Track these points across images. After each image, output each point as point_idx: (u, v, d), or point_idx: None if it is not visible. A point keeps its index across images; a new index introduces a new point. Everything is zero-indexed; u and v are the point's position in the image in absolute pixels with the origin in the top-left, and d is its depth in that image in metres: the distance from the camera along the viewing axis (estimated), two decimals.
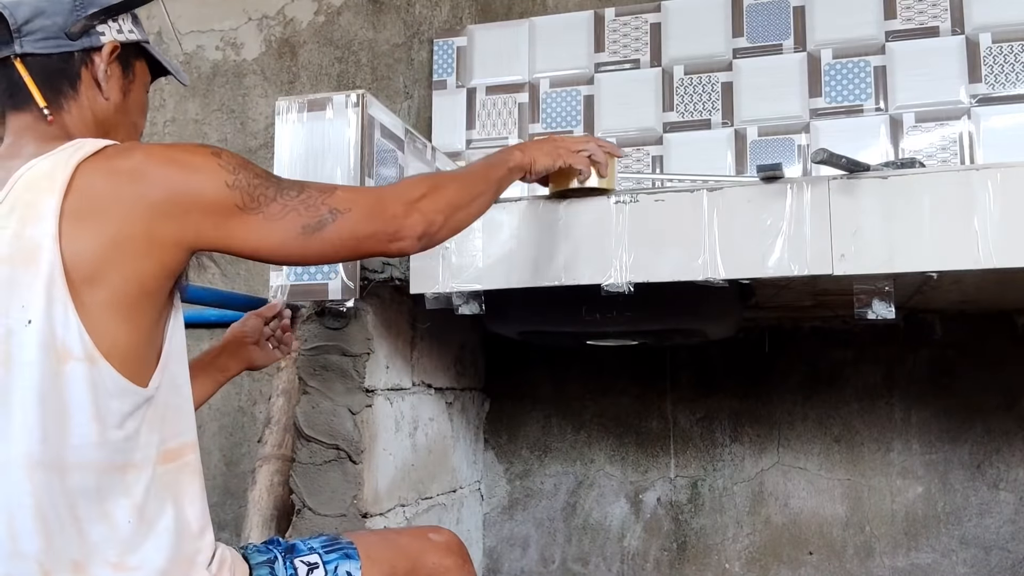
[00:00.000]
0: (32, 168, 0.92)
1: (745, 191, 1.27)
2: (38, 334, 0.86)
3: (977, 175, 1.18)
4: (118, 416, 0.89)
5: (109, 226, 0.89)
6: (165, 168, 0.93)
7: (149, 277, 0.91)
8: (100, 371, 0.87)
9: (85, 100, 1.03)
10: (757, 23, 2.07)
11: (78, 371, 0.87)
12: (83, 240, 0.88)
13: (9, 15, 0.98)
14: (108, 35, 1.04)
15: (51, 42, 1.01)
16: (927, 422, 1.89)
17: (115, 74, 1.06)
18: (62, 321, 0.86)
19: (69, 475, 0.87)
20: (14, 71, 1.00)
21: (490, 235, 1.37)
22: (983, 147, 1.89)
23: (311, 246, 0.97)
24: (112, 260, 0.89)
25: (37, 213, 0.88)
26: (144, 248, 0.90)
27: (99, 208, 0.90)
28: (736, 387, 2.00)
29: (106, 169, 0.92)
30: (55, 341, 0.86)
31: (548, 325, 1.56)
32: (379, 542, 1.15)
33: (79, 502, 0.87)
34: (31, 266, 0.87)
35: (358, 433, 1.45)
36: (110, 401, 0.88)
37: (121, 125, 1.09)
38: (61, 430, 0.87)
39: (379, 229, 1.01)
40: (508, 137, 2.20)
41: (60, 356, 0.86)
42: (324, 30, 2.49)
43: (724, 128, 2.06)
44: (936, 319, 1.90)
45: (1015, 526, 1.83)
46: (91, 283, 0.88)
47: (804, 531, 1.93)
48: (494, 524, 2.11)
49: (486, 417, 2.13)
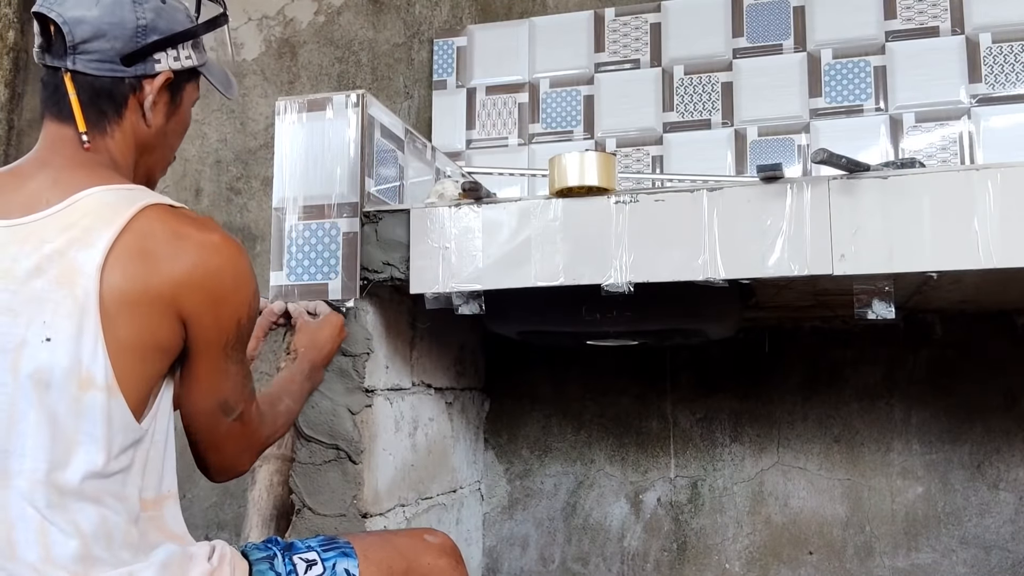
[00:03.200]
0: (95, 195, 0.93)
1: (745, 191, 1.27)
2: (64, 357, 0.87)
3: (977, 175, 1.18)
4: (119, 448, 0.91)
5: (150, 276, 0.91)
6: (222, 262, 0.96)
7: (164, 337, 0.94)
8: (115, 403, 0.89)
9: (128, 124, 1.04)
10: (757, 23, 2.07)
11: (97, 400, 0.88)
12: (123, 279, 0.90)
13: (68, 32, 0.98)
14: (164, 63, 1.04)
15: (105, 65, 1.00)
16: (927, 422, 1.89)
17: (162, 100, 1.06)
18: (90, 350, 0.88)
19: (70, 496, 0.88)
20: (63, 84, 1.00)
21: (490, 235, 1.37)
22: (983, 147, 1.89)
23: (206, 419, 1.02)
24: (140, 308, 0.91)
25: (90, 240, 0.90)
26: (162, 308, 0.92)
27: (148, 255, 0.92)
28: (736, 387, 2.00)
29: (176, 226, 0.95)
30: (80, 368, 0.88)
31: (548, 325, 1.56)
32: (376, 542, 1.16)
33: (80, 519, 0.88)
34: (66, 288, 0.88)
35: (358, 433, 1.45)
36: (118, 433, 0.90)
37: (159, 148, 1.10)
38: (68, 454, 0.87)
39: (230, 463, 1.08)
40: (508, 137, 2.20)
41: (83, 383, 0.88)
42: (324, 30, 2.49)
43: (724, 128, 2.06)
44: (936, 319, 1.90)
45: (1015, 526, 1.83)
46: (119, 321, 0.90)
47: (804, 531, 1.93)
48: (494, 524, 2.11)
49: (486, 417, 2.13)
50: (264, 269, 2.45)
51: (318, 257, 1.43)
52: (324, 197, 1.44)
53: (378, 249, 1.43)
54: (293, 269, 1.44)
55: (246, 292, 0.99)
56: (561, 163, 1.34)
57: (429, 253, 1.38)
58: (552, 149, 2.13)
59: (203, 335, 0.96)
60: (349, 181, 1.44)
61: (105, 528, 0.89)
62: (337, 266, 1.42)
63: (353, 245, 1.42)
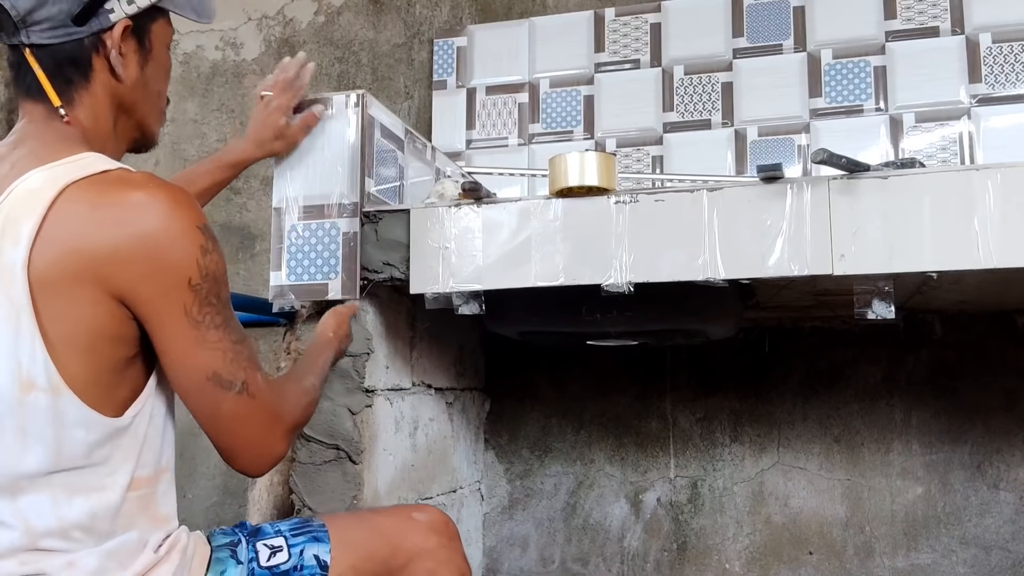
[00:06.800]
0: (26, 181, 0.88)
1: (745, 191, 1.27)
2: (4, 361, 0.85)
3: (977, 175, 1.18)
4: (83, 445, 0.87)
5: (74, 262, 0.85)
6: (148, 222, 0.87)
7: (106, 324, 0.87)
8: (63, 401, 0.85)
9: (99, 87, 0.97)
10: (757, 23, 2.07)
11: (40, 401, 0.85)
12: (49, 271, 0.85)
13: (11, 6, 0.93)
14: (117, 11, 0.96)
15: (59, 31, 0.94)
16: (927, 422, 1.89)
17: (129, 50, 0.99)
18: (28, 351, 0.84)
19: (22, 496, 0.87)
20: (25, 60, 0.95)
21: (490, 235, 1.37)
22: (983, 147, 1.89)
23: (202, 397, 0.91)
24: (71, 298, 0.85)
25: (16, 234, 0.85)
26: (94, 294, 0.86)
27: (70, 239, 0.85)
28: (736, 387, 2.00)
29: (93, 197, 0.87)
30: (21, 371, 0.85)
31: (548, 325, 1.56)
32: (355, 525, 1.10)
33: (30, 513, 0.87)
34: (4, 289, 0.85)
35: (358, 433, 1.45)
36: (74, 431, 0.86)
37: (142, 100, 1.03)
38: (17, 456, 0.86)
39: (253, 445, 0.96)
40: (508, 137, 2.20)
41: (24, 386, 0.85)
42: (324, 30, 2.49)
43: (724, 128, 2.06)
44: (936, 319, 1.90)
45: (1015, 526, 1.83)
46: (54, 316, 0.85)
47: (804, 531, 1.93)
48: (494, 524, 2.11)
49: (486, 417, 2.13)
50: (264, 269, 2.45)
51: (318, 257, 1.43)
52: (324, 197, 1.44)
53: (378, 249, 1.43)
54: (293, 269, 1.44)
55: (186, 248, 0.88)
56: (561, 163, 1.34)
57: (429, 253, 1.38)
58: (552, 149, 2.13)
59: (152, 308, 0.87)
60: (349, 181, 1.43)
61: (61, 521, 0.87)
62: (337, 266, 1.42)
63: (353, 245, 1.42)
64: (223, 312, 0.92)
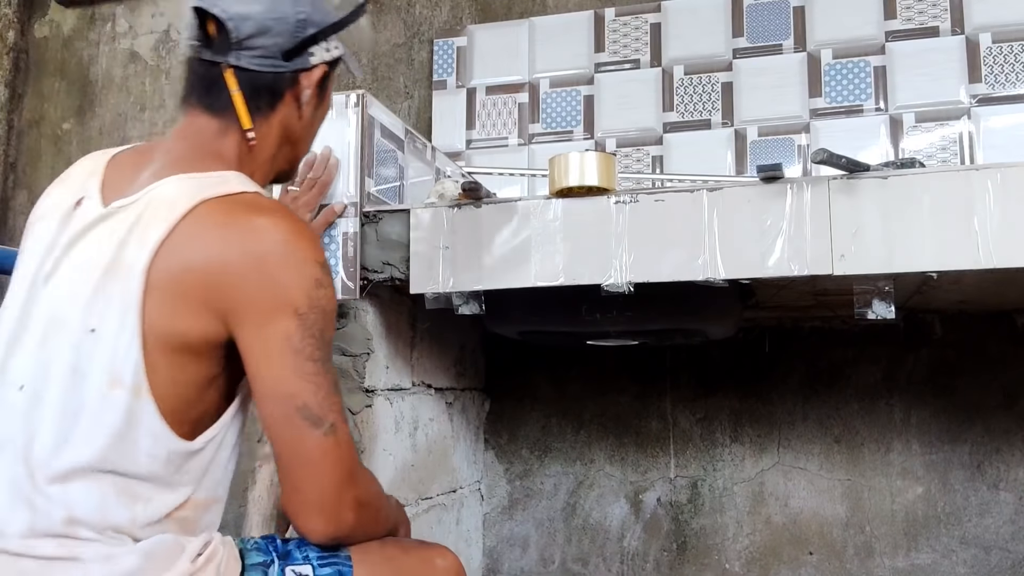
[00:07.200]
0: (165, 186, 0.92)
1: (745, 191, 1.27)
2: (102, 351, 0.87)
3: (977, 175, 1.18)
4: (146, 456, 0.89)
5: (189, 274, 0.88)
6: (267, 245, 0.90)
7: (198, 338, 0.89)
8: (142, 405, 0.87)
9: (277, 119, 1.03)
10: (757, 23, 2.07)
11: (121, 400, 0.87)
12: (164, 278, 0.88)
13: (234, 28, 0.97)
14: (318, 55, 1.04)
15: (268, 61, 1.00)
16: (927, 422, 1.89)
17: (314, 92, 1.05)
18: (125, 349, 0.87)
19: (72, 483, 0.88)
20: (220, 78, 0.99)
21: (490, 235, 1.37)
22: (983, 147, 1.89)
23: (288, 429, 0.90)
24: (175, 308, 0.88)
25: (144, 238, 0.89)
26: (199, 308, 0.88)
27: (192, 253, 0.89)
28: (736, 387, 2.00)
29: (223, 217, 0.90)
30: (114, 366, 0.87)
31: (548, 325, 1.56)
32: (381, 563, 1.07)
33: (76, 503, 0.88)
34: (119, 282, 0.88)
35: (358, 433, 1.45)
36: (142, 438, 0.88)
37: (306, 137, 1.10)
38: (81, 445, 0.88)
39: (325, 499, 0.91)
40: (508, 137, 2.20)
41: (112, 381, 0.87)
42: None
43: (724, 128, 2.06)
44: (936, 319, 1.90)
45: (1015, 526, 1.83)
46: (155, 319, 0.88)
47: (804, 531, 1.93)
48: (494, 524, 2.11)
49: (486, 417, 2.13)
50: None
51: None
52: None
53: (378, 249, 1.43)
54: None
55: (301, 276, 0.90)
56: (561, 163, 1.34)
57: (429, 253, 1.38)
58: (552, 149, 2.13)
59: (255, 330, 0.88)
60: (350, 181, 1.43)
61: (103, 518, 0.88)
62: (337, 266, 1.42)
63: (353, 245, 1.42)
64: (323, 350, 0.92)
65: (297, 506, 0.92)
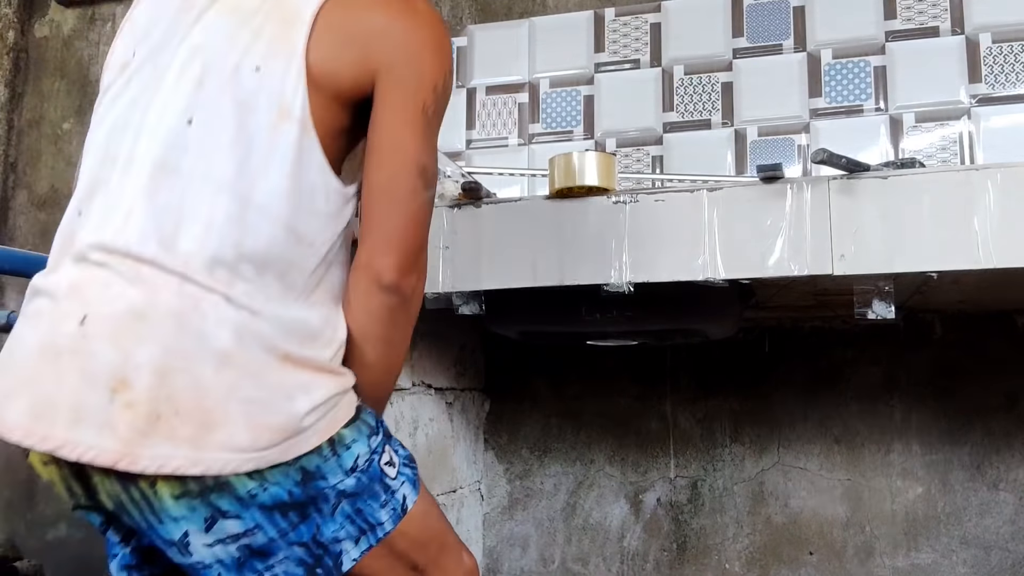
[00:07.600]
0: None
1: (745, 191, 1.27)
2: (269, 86, 0.93)
3: (977, 175, 1.18)
4: (309, 192, 0.93)
5: (351, 27, 0.96)
6: (427, 29, 0.98)
7: (350, 87, 0.95)
8: (309, 141, 0.93)
9: None
10: (757, 23, 2.07)
11: (292, 133, 0.92)
12: (329, 27, 0.95)
13: None
14: None
15: None
16: (927, 422, 1.89)
17: None
18: (292, 86, 0.93)
19: (249, 212, 0.90)
20: None
21: (490, 235, 1.37)
22: (983, 147, 1.89)
23: (404, 180, 0.96)
24: (336, 55, 0.95)
25: None
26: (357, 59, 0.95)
27: (357, 10, 0.96)
28: (736, 387, 2.00)
29: None
30: (283, 100, 0.92)
31: (548, 325, 1.56)
32: (436, 513, 1.06)
33: (247, 237, 0.90)
34: (282, 25, 0.94)
35: None
36: (309, 172, 0.93)
37: None
38: (257, 171, 0.91)
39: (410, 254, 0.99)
40: (508, 137, 2.20)
41: (282, 113, 0.92)
42: None
43: (724, 128, 2.06)
44: (936, 319, 1.90)
45: (1015, 526, 1.83)
46: (317, 61, 0.94)
47: (804, 531, 1.93)
48: (494, 524, 2.11)
49: (486, 417, 2.13)
50: None
51: None
52: None
53: None
54: None
55: (443, 62, 0.99)
56: (561, 163, 1.34)
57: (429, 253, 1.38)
58: (552, 149, 2.13)
59: (399, 90, 0.96)
60: None
61: (266, 256, 0.90)
62: None
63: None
64: (438, 129, 1.01)
65: (383, 245, 0.97)
